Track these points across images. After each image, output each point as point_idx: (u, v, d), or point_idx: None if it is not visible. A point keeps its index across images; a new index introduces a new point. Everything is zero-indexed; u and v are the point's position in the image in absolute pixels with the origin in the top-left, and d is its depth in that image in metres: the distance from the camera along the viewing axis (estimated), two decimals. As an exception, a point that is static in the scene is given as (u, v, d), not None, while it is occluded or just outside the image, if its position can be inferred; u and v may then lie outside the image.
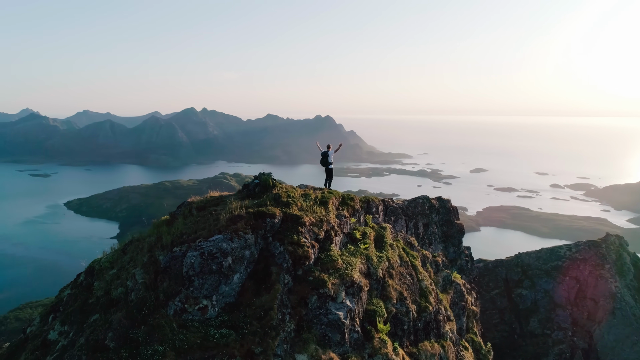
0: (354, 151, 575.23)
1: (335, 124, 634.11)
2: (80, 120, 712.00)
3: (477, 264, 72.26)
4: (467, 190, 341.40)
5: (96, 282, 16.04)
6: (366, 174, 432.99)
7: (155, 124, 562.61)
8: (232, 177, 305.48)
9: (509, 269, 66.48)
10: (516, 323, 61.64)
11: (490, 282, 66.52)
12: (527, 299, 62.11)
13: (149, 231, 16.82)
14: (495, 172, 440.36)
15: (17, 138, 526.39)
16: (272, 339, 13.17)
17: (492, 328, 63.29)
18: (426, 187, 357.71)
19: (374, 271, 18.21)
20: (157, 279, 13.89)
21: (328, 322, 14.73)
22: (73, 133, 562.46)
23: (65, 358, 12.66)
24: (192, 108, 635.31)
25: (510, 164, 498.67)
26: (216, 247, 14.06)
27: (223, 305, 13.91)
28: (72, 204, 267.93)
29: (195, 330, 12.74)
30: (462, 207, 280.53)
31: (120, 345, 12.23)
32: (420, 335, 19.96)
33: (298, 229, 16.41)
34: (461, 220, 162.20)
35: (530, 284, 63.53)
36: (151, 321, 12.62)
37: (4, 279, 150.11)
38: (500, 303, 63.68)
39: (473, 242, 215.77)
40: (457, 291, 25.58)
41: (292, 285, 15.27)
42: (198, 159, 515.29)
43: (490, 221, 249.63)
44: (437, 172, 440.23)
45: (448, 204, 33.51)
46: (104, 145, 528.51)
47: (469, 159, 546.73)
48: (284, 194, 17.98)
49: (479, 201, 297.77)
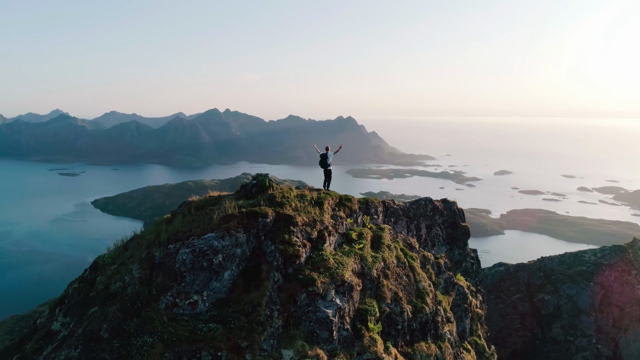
0: (376, 152, 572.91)
1: (357, 125, 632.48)
2: (107, 120, 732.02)
3: (498, 267, 71.29)
4: (491, 193, 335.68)
5: (98, 277, 16.88)
6: (388, 175, 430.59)
7: (180, 125, 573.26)
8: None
9: (531, 273, 65.32)
10: (538, 328, 60.55)
11: (511, 287, 65.49)
12: (549, 304, 60.92)
13: (150, 229, 17.56)
14: (520, 174, 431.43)
15: (48, 138, 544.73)
16: (258, 334, 13.66)
17: (513, 333, 62.39)
18: (449, 189, 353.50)
19: (367, 271, 18.49)
20: (152, 275, 14.56)
21: (316, 319, 15.12)
22: (100, 133, 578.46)
23: (64, 347, 13.44)
24: (215, 109, 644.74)
25: (535, 166, 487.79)
26: (207, 244, 14.65)
27: (214, 301, 14.48)
28: (99, 202, 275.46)
29: (185, 323, 13.35)
30: (485, 209, 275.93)
31: (114, 336, 12.93)
32: (417, 336, 20.11)
33: (290, 228, 16.87)
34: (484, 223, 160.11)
35: (553, 289, 62.31)
36: (143, 314, 13.29)
37: (34, 274, 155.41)
38: (521, 308, 62.64)
39: (496, 246, 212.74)
40: (459, 293, 25.54)
41: (282, 283, 15.73)
42: (221, 159, 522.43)
43: (515, 224, 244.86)
44: (460, 174, 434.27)
45: (454, 206, 33.38)
46: (130, 146, 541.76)
47: (493, 160, 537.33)
48: (279, 195, 18.46)
49: (503, 204, 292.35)
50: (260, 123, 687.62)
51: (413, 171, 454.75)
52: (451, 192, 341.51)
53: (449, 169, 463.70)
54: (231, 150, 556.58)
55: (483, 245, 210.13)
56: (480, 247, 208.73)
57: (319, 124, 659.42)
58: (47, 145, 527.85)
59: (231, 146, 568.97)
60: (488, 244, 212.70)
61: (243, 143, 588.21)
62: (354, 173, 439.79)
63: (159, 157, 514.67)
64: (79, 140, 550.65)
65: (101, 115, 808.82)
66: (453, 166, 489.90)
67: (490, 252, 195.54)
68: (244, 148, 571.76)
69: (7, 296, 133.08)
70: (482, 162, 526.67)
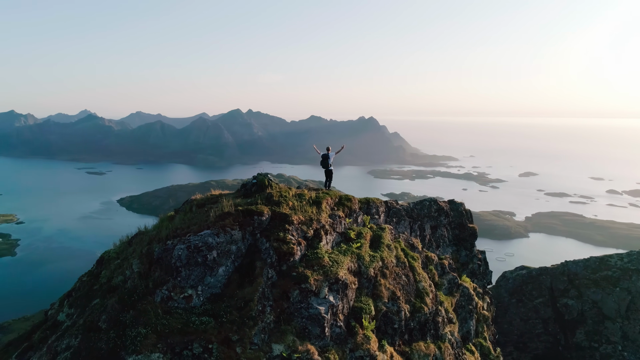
0: (398, 153, 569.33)
1: (378, 125, 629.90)
2: (133, 121, 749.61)
3: (520, 270, 70.15)
4: (515, 195, 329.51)
5: (103, 271, 17.65)
6: (409, 176, 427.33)
7: (203, 125, 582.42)
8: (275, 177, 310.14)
9: (554, 277, 64.02)
10: (561, 334, 59.35)
11: (533, 291, 64.34)
12: (573, 309, 59.64)
13: (153, 225, 18.24)
14: (546, 176, 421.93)
15: (76, 138, 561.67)
16: (249, 328, 14.09)
17: (534, 338, 61.36)
18: (472, 191, 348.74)
19: (364, 270, 18.72)
20: (151, 269, 15.18)
21: (309, 315, 15.46)
22: (126, 133, 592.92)
23: (66, 336, 14.18)
24: (237, 109, 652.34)
25: (562, 168, 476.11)
26: (202, 241, 15.19)
27: (209, 296, 15.00)
28: (124, 201, 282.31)
29: (178, 316, 13.90)
30: (509, 212, 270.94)
31: (111, 326, 13.57)
32: (416, 335, 20.21)
33: (285, 226, 17.26)
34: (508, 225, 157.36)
35: (577, 294, 60.96)
36: (139, 307, 13.90)
37: (62, 270, 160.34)
38: (544, 312, 61.51)
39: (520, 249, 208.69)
40: (464, 294, 25.44)
41: (276, 280, 16.14)
42: (243, 159, 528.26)
43: (540, 227, 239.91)
44: (483, 175, 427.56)
45: (461, 207, 33.15)
46: (155, 145, 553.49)
47: (517, 162, 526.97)
48: (276, 194, 18.89)
49: (528, 206, 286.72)
50: (282, 123, 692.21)
51: (435, 172, 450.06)
52: (474, 193, 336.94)
53: (472, 170, 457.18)
54: (253, 150, 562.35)
55: (507, 248, 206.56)
56: (504, 250, 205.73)
57: (341, 124, 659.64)
58: (75, 145, 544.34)
59: (253, 146, 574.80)
60: (512, 247, 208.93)
61: (265, 143, 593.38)
62: (375, 174, 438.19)
63: (182, 157, 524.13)
64: (105, 140, 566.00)
65: (127, 116, 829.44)
66: (476, 167, 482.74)
67: (514, 255, 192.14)
68: (266, 148, 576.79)
69: (37, 291, 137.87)
70: (507, 163, 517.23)
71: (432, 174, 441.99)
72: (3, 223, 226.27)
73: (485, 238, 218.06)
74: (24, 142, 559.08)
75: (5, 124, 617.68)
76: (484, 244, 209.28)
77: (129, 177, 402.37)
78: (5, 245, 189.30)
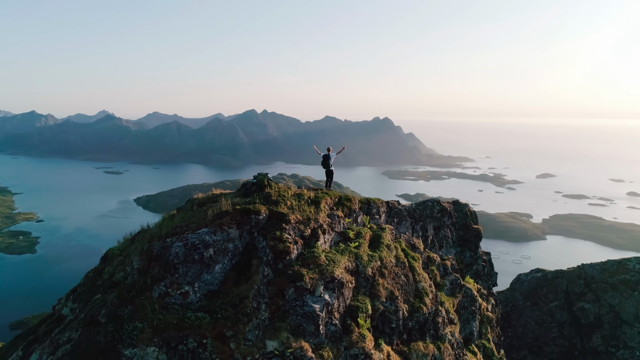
0: (413, 154, 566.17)
1: (393, 126, 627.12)
2: (150, 121, 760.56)
3: (535, 273, 69.27)
4: (532, 197, 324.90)
5: (106, 267, 18.18)
6: (424, 177, 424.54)
7: (218, 126, 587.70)
8: (290, 177, 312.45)
9: (570, 280, 63.09)
10: (577, 338, 58.49)
11: (548, 294, 63.49)
12: (589, 313, 58.73)
13: (155, 223, 18.71)
14: (564, 177, 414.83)
15: (95, 138, 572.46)
16: (243, 325, 14.40)
17: (549, 342, 60.55)
18: (488, 192, 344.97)
19: (362, 269, 18.89)
20: (150, 266, 15.60)
21: (303, 313, 15.71)
22: (143, 133, 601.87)
23: (67, 330, 14.70)
24: (252, 110, 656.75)
25: (580, 169, 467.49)
26: (199, 239, 15.57)
27: (205, 292, 15.37)
28: (141, 200, 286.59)
29: (175, 312, 14.29)
30: (526, 213, 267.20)
31: (110, 321, 14.03)
32: (415, 335, 20.28)
33: (282, 225, 17.54)
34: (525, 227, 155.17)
35: (593, 298, 60.02)
36: (137, 302, 14.33)
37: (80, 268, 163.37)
38: (559, 316, 60.69)
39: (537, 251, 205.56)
40: (467, 295, 25.37)
41: (272, 278, 16.43)
42: (257, 159, 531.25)
43: (558, 230, 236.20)
44: (500, 176, 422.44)
45: (465, 208, 33.00)
46: (171, 146, 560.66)
47: (535, 163, 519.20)
48: (274, 193, 19.18)
49: (546, 208, 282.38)
50: (297, 124, 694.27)
51: (451, 173, 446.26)
52: (490, 195, 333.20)
53: (488, 172, 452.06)
54: (268, 151, 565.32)
55: (523, 250, 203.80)
56: (520, 253, 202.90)
57: (355, 124, 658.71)
58: (93, 145, 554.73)
59: (268, 146, 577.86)
60: (529, 250, 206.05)
61: (279, 143, 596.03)
62: (390, 174, 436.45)
63: (198, 157, 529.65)
64: (123, 140, 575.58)
65: (144, 116, 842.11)
66: (493, 169, 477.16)
67: (531, 258, 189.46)
68: (281, 148, 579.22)
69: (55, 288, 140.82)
70: (523, 164, 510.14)
71: (447, 175, 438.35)
72: (24, 221, 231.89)
73: (501, 240, 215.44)
74: (44, 142, 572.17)
75: (26, 124, 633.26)
76: (499, 246, 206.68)
77: (146, 176, 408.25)
78: (25, 243, 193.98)
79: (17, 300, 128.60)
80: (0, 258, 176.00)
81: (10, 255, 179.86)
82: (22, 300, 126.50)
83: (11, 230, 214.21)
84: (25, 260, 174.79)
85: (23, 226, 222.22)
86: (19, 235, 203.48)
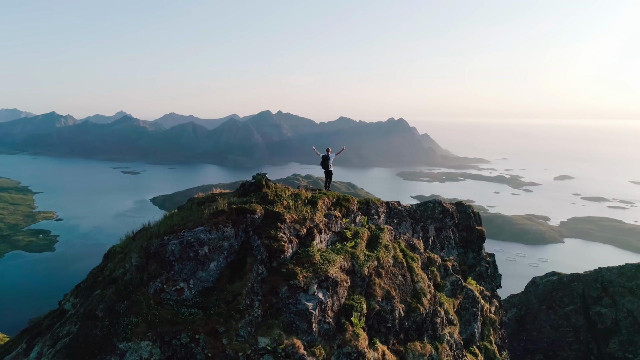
0: (428, 155, 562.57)
1: (408, 126, 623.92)
2: (166, 122, 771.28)
3: (550, 277, 68.30)
4: (550, 199, 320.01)
5: (108, 264, 18.74)
6: (439, 178, 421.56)
7: (233, 126, 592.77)
8: (304, 178, 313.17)
9: (587, 284, 62.15)
10: (593, 343, 57.60)
11: (564, 297, 62.62)
12: (606, 318, 57.83)
13: (156, 222, 19.19)
14: (582, 179, 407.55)
15: (112, 138, 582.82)
16: (236, 321, 14.74)
17: (565, 346, 59.66)
18: (504, 194, 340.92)
19: (358, 269, 19.07)
20: (148, 263, 16.05)
21: (296, 311, 15.97)
22: (160, 134, 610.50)
23: (67, 323, 15.24)
24: (267, 111, 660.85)
25: (599, 171, 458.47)
26: (194, 237, 15.99)
27: (200, 289, 15.77)
28: (157, 200, 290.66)
29: (169, 308, 14.70)
30: (543, 216, 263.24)
31: (106, 315, 14.50)
32: (412, 335, 20.37)
33: (277, 225, 17.85)
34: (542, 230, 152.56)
35: (610, 302, 59.10)
36: (133, 297, 14.78)
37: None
38: (575, 320, 59.81)
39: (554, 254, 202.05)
40: (468, 297, 25.31)
41: (267, 276, 16.74)
42: (272, 160, 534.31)
43: (576, 233, 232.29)
44: (516, 178, 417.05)
45: (469, 210, 32.86)
46: (187, 146, 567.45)
47: (553, 165, 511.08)
48: (271, 193, 19.49)
49: (564, 211, 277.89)
50: (311, 124, 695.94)
51: (466, 175, 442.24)
52: (507, 197, 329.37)
53: (504, 173, 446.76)
54: (282, 151, 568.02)
55: (540, 253, 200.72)
56: (537, 256, 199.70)
57: (370, 125, 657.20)
58: (111, 145, 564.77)
59: (282, 147, 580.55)
60: (546, 252, 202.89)
61: (294, 144, 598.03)
62: (404, 176, 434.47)
63: (213, 157, 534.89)
64: (140, 140, 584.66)
65: (161, 117, 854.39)
66: (509, 170, 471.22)
67: (548, 261, 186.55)
68: (295, 149, 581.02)
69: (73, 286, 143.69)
70: (541, 166, 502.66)
71: (462, 176, 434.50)
72: (43, 220, 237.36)
73: (518, 242, 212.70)
74: (63, 142, 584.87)
75: (47, 125, 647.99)
76: (516, 249, 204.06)
77: (162, 176, 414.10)
78: (45, 241, 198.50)
79: (37, 297, 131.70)
80: (20, 256, 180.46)
81: (30, 253, 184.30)
82: (41, 297, 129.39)
83: (31, 228, 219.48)
84: (44, 258, 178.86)
85: (43, 225, 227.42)
86: (39, 234, 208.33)
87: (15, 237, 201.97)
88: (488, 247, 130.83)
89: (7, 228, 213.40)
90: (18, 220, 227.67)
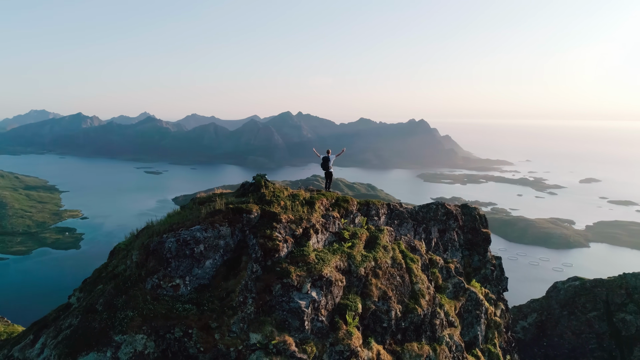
0: (449, 156, 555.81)
1: (429, 128, 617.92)
2: (188, 123, 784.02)
3: (572, 282, 66.88)
4: (575, 202, 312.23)
5: (113, 261, 19.48)
6: (461, 180, 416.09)
7: (254, 127, 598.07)
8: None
9: (611, 290, 60.69)
10: (617, 351, 56.25)
11: (587, 303, 61.28)
12: (631, 325, 56.38)
13: (158, 220, 19.83)
14: (610, 182, 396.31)
15: (136, 139, 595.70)
16: (228, 317, 15.19)
17: (587, 353, 58.43)
18: (527, 197, 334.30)
19: (354, 269, 19.28)
20: (147, 260, 16.66)
21: (289, 309, 16.32)
22: (182, 135, 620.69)
23: (69, 316, 15.98)
24: (288, 112, 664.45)
25: (628, 174, 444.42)
26: (191, 235, 16.53)
27: (196, 286, 16.29)
28: (179, 199, 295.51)
29: (165, 303, 15.27)
30: (568, 219, 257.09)
31: (105, 309, 15.17)
32: (410, 336, 20.45)
33: (273, 224, 18.23)
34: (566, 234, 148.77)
35: (636, 309, 57.60)
36: (130, 292, 15.41)
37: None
38: (598, 327, 58.51)
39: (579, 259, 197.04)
40: (471, 299, 25.18)
41: (261, 274, 17.15)
42: (292, 160, 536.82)
43: (603, 237, 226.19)
44: (540, 180, 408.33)
45: (474, 212, 32.56)
46: (208, 147, 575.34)
47: (578, 167, 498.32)
48: (269, 193, 19.89)
49: (590, 214, 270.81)
50: (331, 126, 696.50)
51: (488, 177, 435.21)
52: (530, 200, 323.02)
53: (528, 176, 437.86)
54: (302, 152, 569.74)
55: (564, 258, 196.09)
56: (561, 260, 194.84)
57: (390, 126, 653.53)
58: (135, 145, 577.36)
59: (302, 148, 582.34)
60: (570, 257, 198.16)
61: (314, 145, 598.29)
62: (425, 177, 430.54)
63: (234, 158, 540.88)
64: (163, 141, 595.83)
65: (183, 118, 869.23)
66: (533, 172, 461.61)
67: (573, 266, 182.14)
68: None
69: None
70: (566, 168, 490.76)
71: (484, 178, 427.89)
72: (69, 218, 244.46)
73: (541, 247, 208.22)
74: (89, 142, 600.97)
75: (73, 125, 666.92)
76: (539, 252, 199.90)
77: (184, 176, 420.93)
78: (71, 239, 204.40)
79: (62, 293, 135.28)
80: (48, 252, 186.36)
81: (57, 250, 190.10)
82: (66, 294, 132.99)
83: (58, 226, 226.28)
84: (70, 255, 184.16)
85: (69, 223, 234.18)
86: (65, 232, 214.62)
87: (42, 234, 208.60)
88: (510, 250, 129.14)
89: (35, 225, 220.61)
90: (45, 218, 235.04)
